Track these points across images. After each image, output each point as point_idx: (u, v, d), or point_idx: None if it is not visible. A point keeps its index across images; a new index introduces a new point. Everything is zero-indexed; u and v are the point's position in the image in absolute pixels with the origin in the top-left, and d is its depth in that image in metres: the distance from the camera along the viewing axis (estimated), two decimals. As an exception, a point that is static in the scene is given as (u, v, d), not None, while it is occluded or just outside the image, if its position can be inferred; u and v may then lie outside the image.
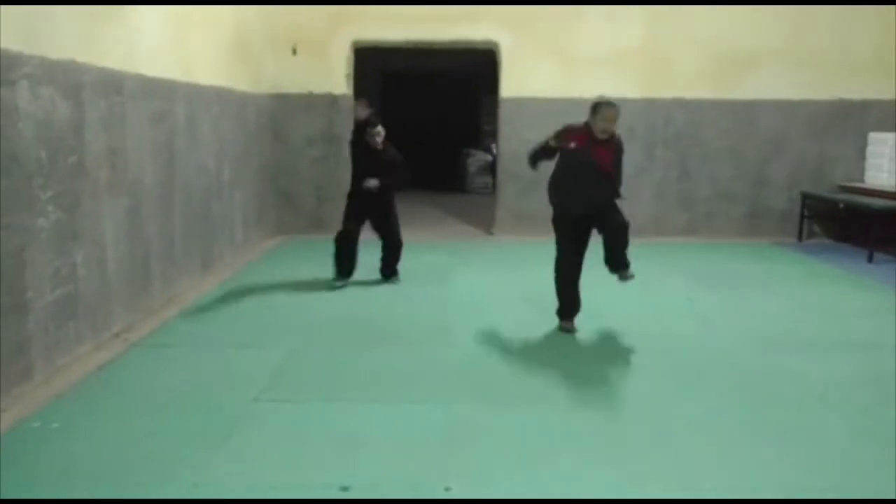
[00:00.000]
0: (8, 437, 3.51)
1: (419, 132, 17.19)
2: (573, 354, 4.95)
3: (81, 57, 4.59)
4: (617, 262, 5.25)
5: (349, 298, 6.31)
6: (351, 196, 6.66)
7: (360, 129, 6.55)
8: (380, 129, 6.47)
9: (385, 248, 6.84)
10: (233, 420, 3.78)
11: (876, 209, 8.06)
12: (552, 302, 5.49)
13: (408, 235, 7.06)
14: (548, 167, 5.57)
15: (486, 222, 10.39)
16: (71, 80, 4.47)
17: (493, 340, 5.16)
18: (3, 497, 2.96)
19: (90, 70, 4.69)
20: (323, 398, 4.11)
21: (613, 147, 5.27)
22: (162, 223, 5.88)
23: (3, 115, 3.83)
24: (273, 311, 5.88)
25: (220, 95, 7.17)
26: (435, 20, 9.26)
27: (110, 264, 5.03)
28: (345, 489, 3.07)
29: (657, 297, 6.52)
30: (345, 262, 6.58)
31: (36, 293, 4.16)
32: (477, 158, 15.48)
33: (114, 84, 5.01)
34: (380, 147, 6.51)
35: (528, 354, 4.90)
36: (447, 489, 3.09)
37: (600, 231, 5.23)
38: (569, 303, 5.37)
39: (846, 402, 4.12)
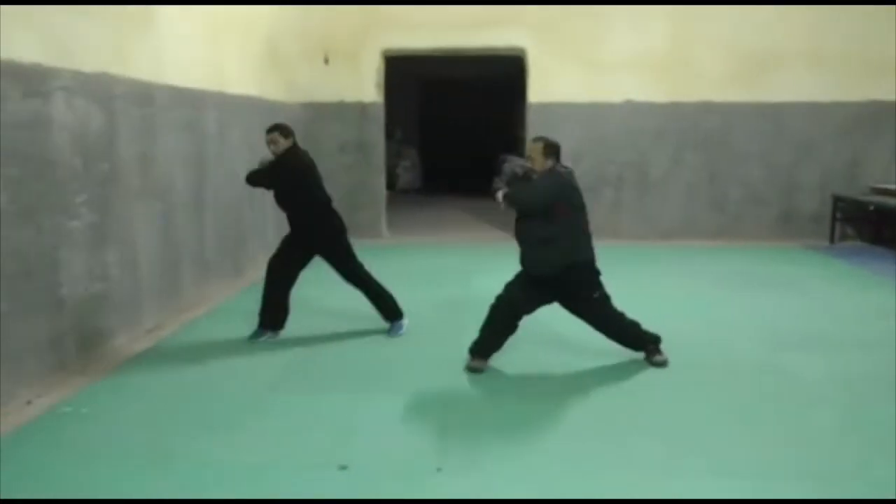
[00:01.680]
0: (41, 420, 3.79)
1: (458, 138, 17.45)
2: (576, 348, 5.07)
3: (114, 69, 4.90)
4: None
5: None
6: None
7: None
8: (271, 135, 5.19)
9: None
10: (246, 407, 4.02)
11: (905, 211, 7.99)
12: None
13: (436, 237, 7.19)
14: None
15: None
16: (103, 91, 4.78)
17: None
18: (34, 475, 3.22)
19: (122, 82, 4.99)
20: (328, 389, 4.33)
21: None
22: (193, 228, 6.18)
23: (39, 125, 4.14)
24: (297, 310, 6.11)
25: (251, 104, 7.47)
26: (462, 27, 9.46)
27: (142, 265, 5.32)
28: (343, 468, 3.27)
29: (680, 297, 6.62)
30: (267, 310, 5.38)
31: (70, 290, 4.46)
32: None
33: (145, 95, 5.32)
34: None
35: (533, 348, 5.04)
36: (438, 469, 3.27)
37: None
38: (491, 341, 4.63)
39: (842, 397, 4.18)
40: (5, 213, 3.86)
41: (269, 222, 8.10)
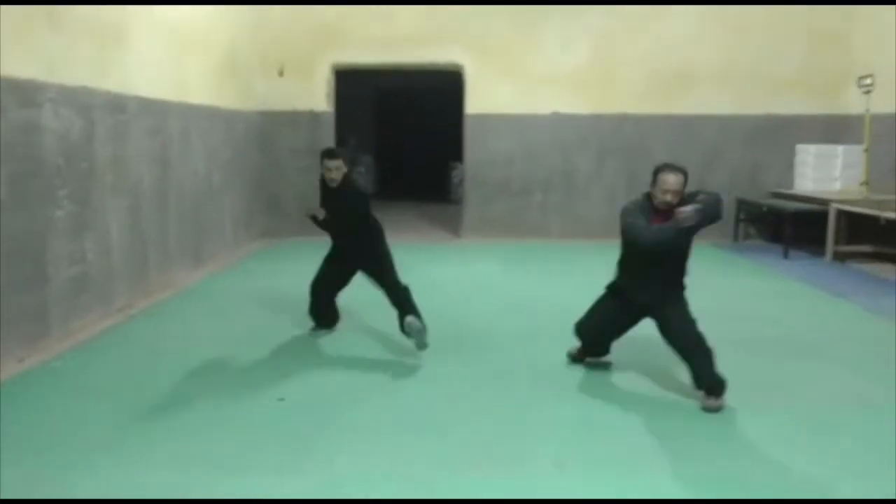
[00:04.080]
0: (32, 372, 4.63)
1: (411, 145, 18.37)
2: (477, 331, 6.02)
3: (92, 83, 5.73)
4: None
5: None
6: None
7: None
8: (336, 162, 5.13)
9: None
10: (203, 363, 4.91)
11: (788, 211, 9.12)
12: (493, 284, 6.56)
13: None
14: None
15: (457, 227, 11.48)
16: (84, 102, 5.62)
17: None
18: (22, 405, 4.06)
19: (99, 94, 5.84)
20: (264, 351, 5.23)
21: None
22: (158, 220, 7.01)
23: (32, 131, 4.97)
24: (250, 295, 6.99)
25: (210, 112, 8.32)
26: (406, 44, 10.39)
27: (114, 251, 6.15)
28: (280, 399, 4.19)
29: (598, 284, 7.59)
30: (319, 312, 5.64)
31: (54, 269, 5.28)
32: (461, 171, 16.59)
33: (118, 105, 6.16)
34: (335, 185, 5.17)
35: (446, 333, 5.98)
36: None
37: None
38: None
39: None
40: (5, 203, 4.69)
41: (226, 217, 8.95)
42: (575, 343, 4.93)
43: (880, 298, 6.90)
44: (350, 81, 11.36)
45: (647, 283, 4.41)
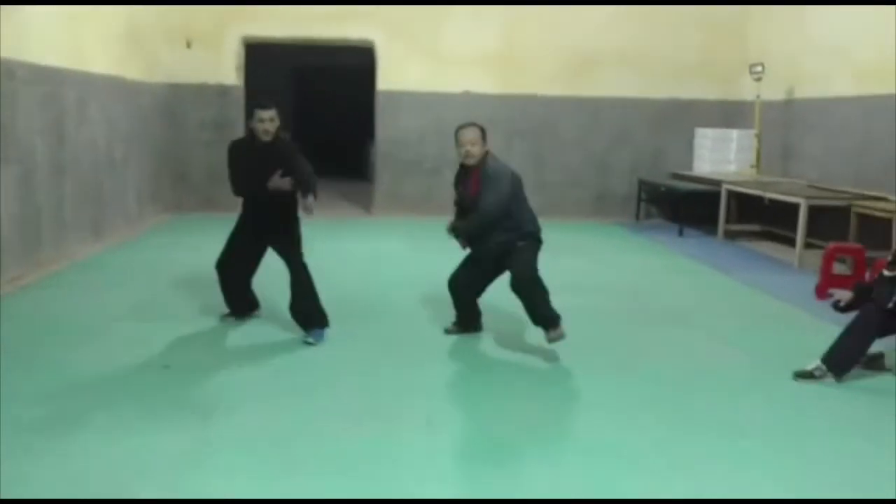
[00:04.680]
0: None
1: (328, 124, 18.27)
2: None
3: (-24, 47, 5.58)
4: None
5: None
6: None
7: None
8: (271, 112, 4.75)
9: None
10: (98, 332, 4.90)
11: (681, 192, 9.56)
12: (396, 259, 6.69)
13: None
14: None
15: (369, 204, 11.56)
16: (-33, 66, 5.46)
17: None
18: None
19: (-16, 58, 5.68)
20: (165, 318, 5.25)
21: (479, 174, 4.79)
22: (53, 191, 6.86)
23: None
24: (147, 267, 6.94)
25: (112, 83, 8.15)
26: (318, 20, 10.36)
27: (3, 221, 6.00)
28: (166, 367, 4.24)
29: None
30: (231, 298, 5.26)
31: (-65, 238, 5.15)
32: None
33: (6, 70, 5.99)
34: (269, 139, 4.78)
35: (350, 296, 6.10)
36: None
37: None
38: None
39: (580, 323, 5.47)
40: None
41: (129, 191, 8.81)
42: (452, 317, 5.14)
43: (757, 273, 7.34)
44: (266, 58, 11.25)
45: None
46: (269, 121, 4.70)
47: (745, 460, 3.37)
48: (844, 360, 4.28)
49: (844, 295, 4.45)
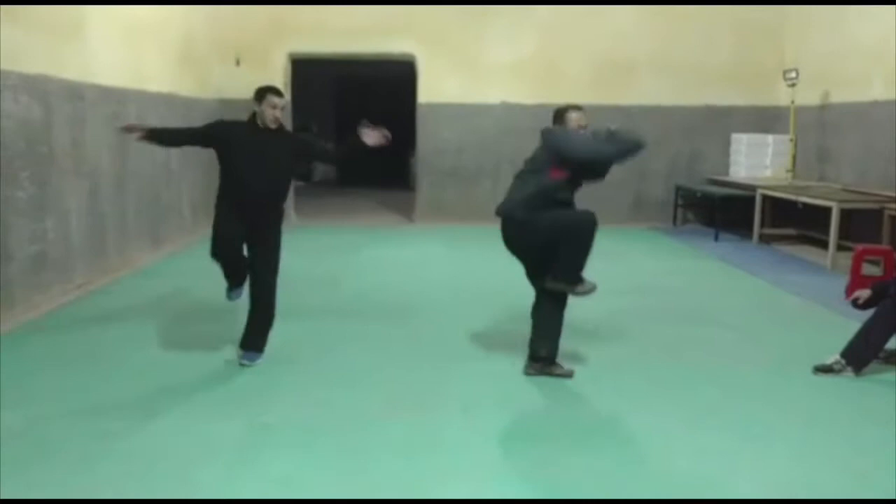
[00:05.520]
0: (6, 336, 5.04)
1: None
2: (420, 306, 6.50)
3: (50, 71, 6.08)
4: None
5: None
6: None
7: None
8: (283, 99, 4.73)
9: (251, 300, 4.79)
10: (156, 330, 5.32)
11: (716, 197, 9.72)
12: (434, 263, 7.02)
13: (340, 221, 8.43)
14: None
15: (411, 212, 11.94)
16: (42, 89, 5.96)
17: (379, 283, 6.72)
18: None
19: (56, 81, 6.18)
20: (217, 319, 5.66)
21: None
22: (117, 203, 7.37)
23: (-8, 115, 5.32)
24: (205, 272, 7.36)
25: (168, 100, 8.66)
26: (361, 35, 10.78)
27: (74, 231, 6.50)
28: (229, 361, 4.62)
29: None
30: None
31: (16, 247, 5.63)
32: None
33: (76, 92, 6.50)
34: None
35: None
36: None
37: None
38: None
39: (610, 322, 5.73)
40: (-32, 183, 5.05)
41: (184, 202, 9.31)
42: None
43: (788, 275, 7.51)
44: (310, 70, 11.70)
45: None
46: (280, 108, 4.61)
47: (763, 448, 3.62)
48: (863, 354, 4.48)
49: (864, 293, 4.65)
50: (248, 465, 3.38)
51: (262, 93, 4.62)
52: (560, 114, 4.75)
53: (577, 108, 4.74)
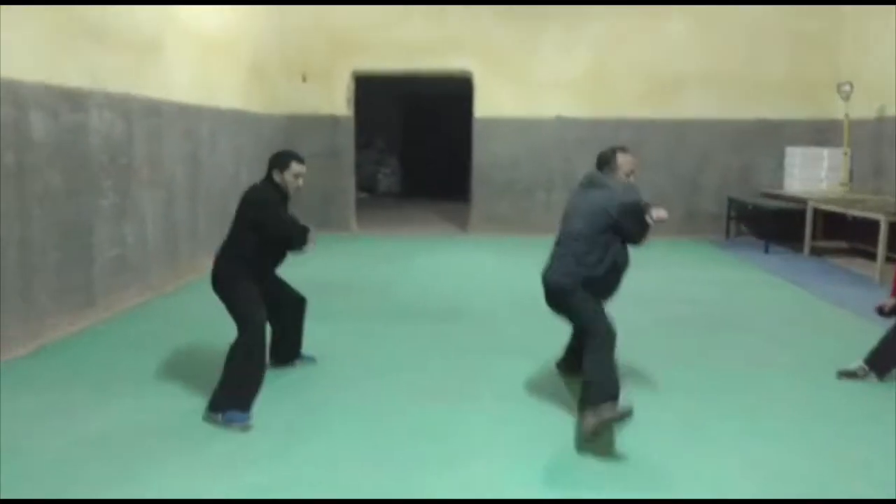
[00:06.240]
0: (84, 333, 5.57)
1: (433, 148, 19.23)
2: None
3: (132, 90, 6.68)
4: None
5: (322, 265, 8.30)
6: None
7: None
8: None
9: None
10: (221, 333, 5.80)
11: (768, 210, 9.79)
12: (484, 271, 7.37)
13: (399, 231, 8.83)
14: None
15: (466, 223, 12.32)
16: (124, 107, 6.56)
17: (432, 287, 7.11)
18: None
19: (137, 100, 6.78)
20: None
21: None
22: (189, 212, 7.95)
23: (80, 131, 5.92)
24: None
25: (237, 116, 9.27)
26: (420, 53, 11.26)
27: (150, 237, 7.09)
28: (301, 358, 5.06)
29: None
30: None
31: (99, 251, 6.22)
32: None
33: (154, 109, 7.10)
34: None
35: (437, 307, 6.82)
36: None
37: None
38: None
39: (655, 330, 5.97)
40: (59, 192, 5.64)
41: (251, 212, 9.87)
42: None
43: (834, 287, 7.58)
44: (376, 87, 12.21)
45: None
46: (303, 177, 4.42)
47: (781, 442, 3.84)
48: (886, 360, 4.62)
49: (889, 301, 4.79)
50: (299, 444, 3.80)
51: (287, 160, 4.37)
52: (607, 158, 4.33)
53: (624, 150, 4.37)
